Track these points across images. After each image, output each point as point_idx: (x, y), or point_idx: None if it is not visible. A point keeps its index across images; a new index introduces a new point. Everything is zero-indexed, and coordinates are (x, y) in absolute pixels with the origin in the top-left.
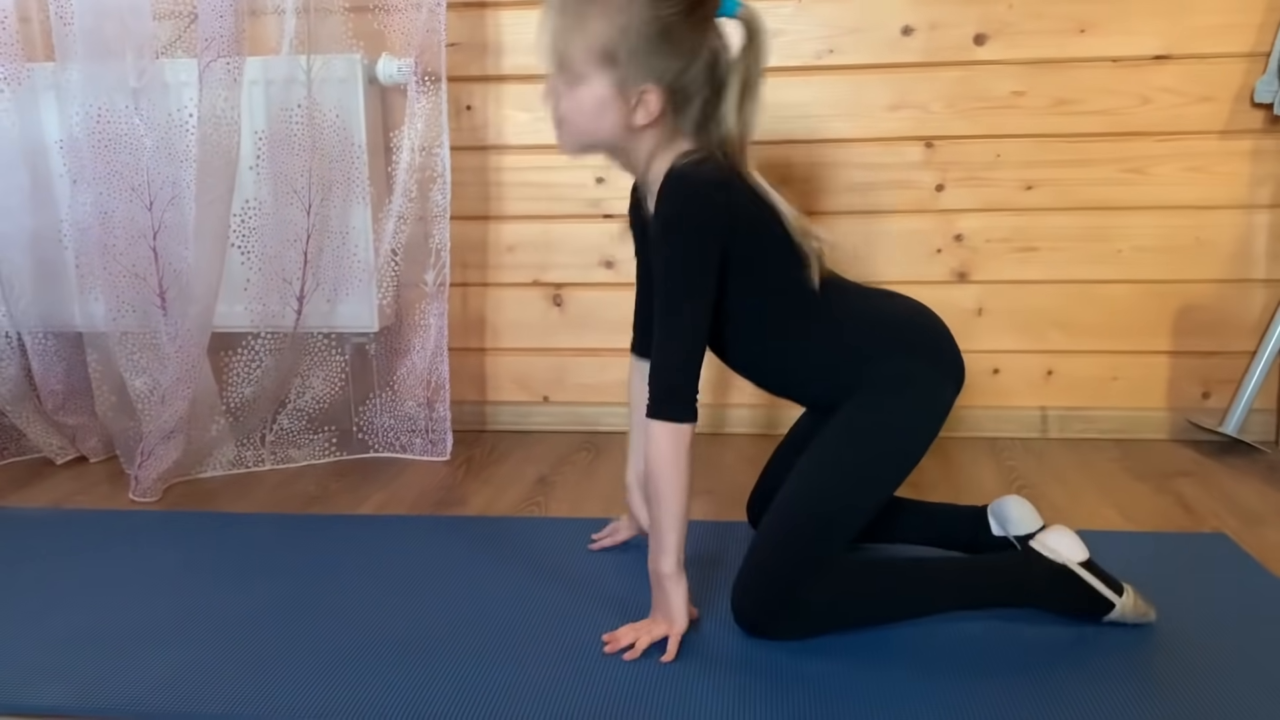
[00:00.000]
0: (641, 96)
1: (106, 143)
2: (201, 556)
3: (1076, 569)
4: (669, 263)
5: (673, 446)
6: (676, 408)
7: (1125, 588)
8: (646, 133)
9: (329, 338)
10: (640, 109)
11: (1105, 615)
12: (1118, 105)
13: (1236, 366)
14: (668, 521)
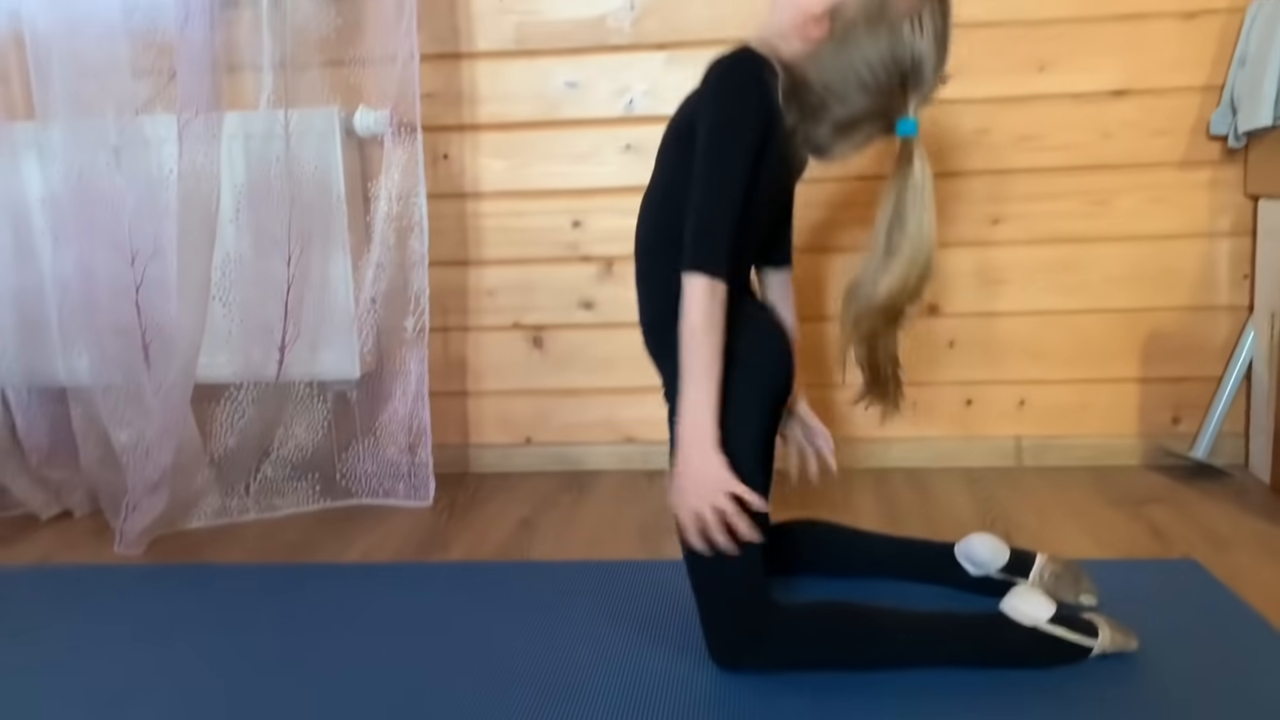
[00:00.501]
0: (824, 19)
1: (88, 200)
2: (188, 611)
3: (1046, 627)
4: (723, 129)
5: (712, 301)
6: (710, 260)
7: (1100, 626)
8: (795, 39)
9: (311, 386)
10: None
11: (1086, 658)
12: (1079, 140)
13: (1204, 392)
14: (708, 384)
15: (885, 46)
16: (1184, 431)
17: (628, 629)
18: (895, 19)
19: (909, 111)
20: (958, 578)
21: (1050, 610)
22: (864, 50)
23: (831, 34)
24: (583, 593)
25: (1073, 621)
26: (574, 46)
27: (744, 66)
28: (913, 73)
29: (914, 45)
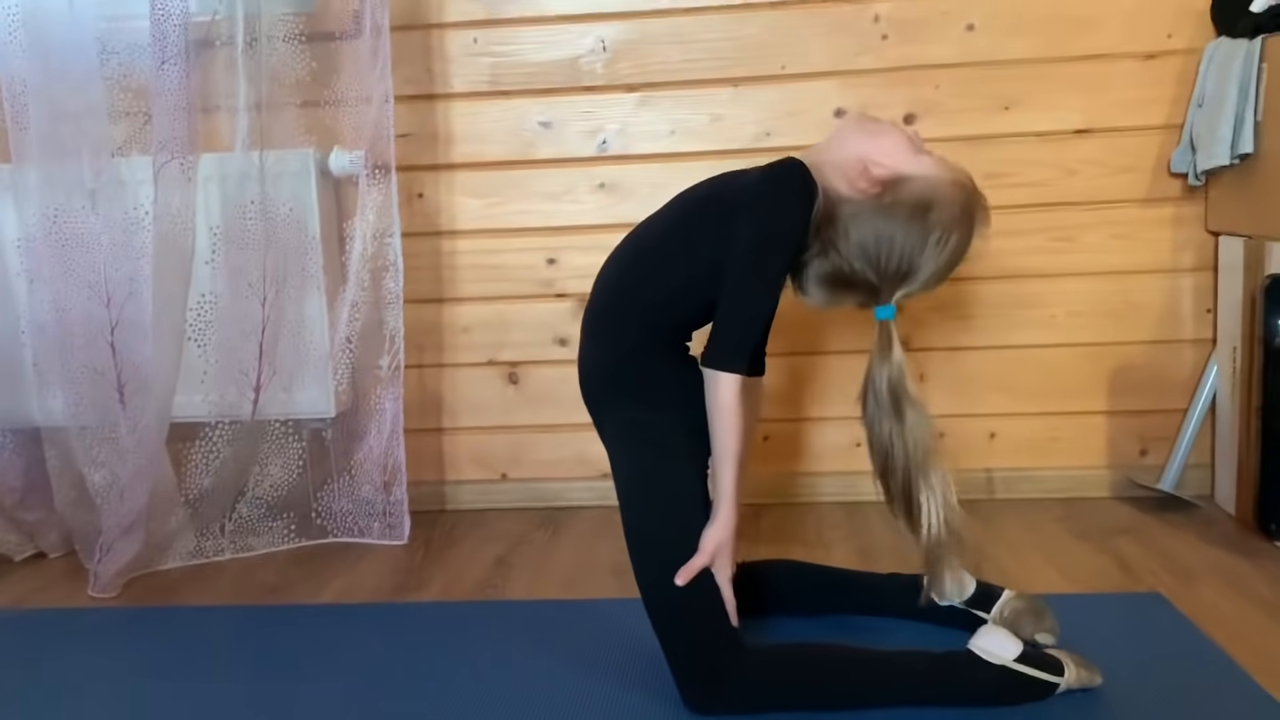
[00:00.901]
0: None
1: (63, 242)
2: (162, 656)
3: (1014, 666)
4: (770, 251)
5: (733, 395)
6: (739, 360)
7: (1065, 664)
8: (845, 180)
9: (286, 425)
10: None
11: (1052, 695)
12: (1044, 177)
13: (1171, 424)
14: (732, 451)
15: (911, 240)
16: (1152, 463)
17: (603, 670)
18: (932, 224)
19: (893, 300)
20: (926, 610)
21: (1017, 649)
22: (894, 230)
23: (879, 198)
24: (558, 632)
25: (1039, 660)
26: (547, 87)
27: (800, 181)
28: (914, 273)
29: (930, 254)
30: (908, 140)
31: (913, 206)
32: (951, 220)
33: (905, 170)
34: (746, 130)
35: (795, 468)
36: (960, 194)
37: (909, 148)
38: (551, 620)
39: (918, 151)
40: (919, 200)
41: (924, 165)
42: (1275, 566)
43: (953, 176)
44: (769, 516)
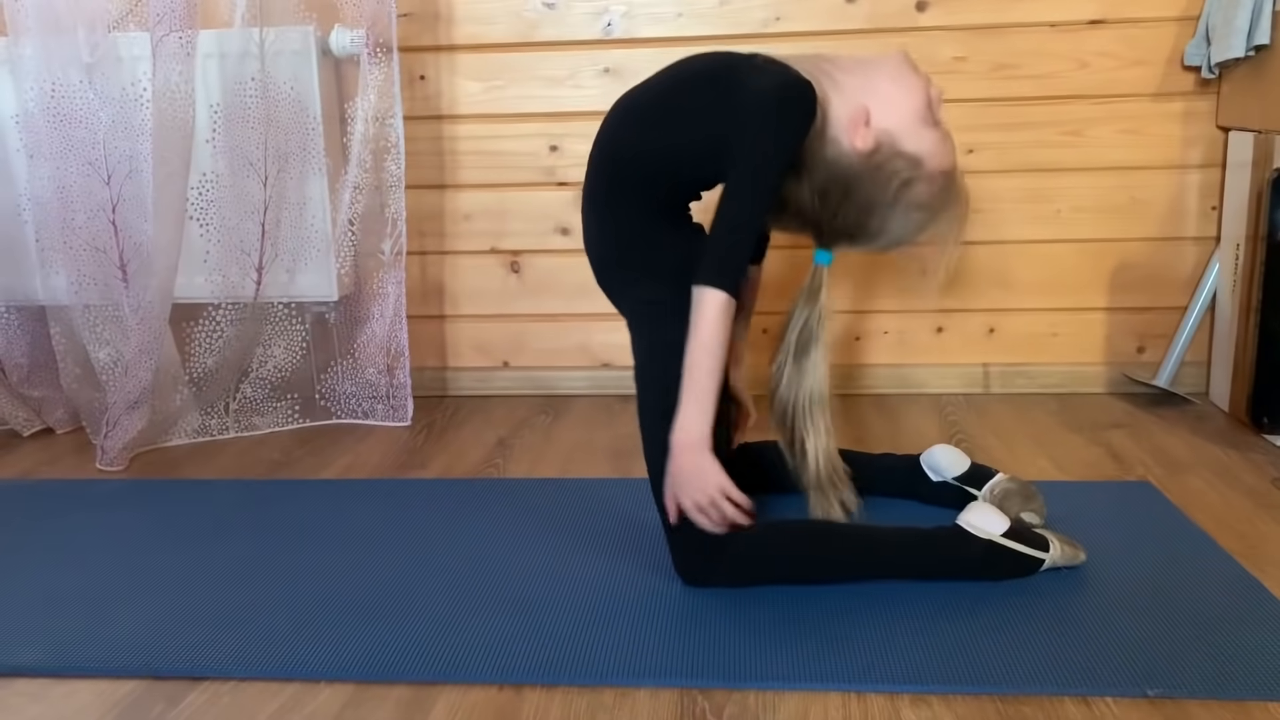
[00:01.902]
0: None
1: (62, 118)
2: (168, 522)
3: (1001, 540)
4: (768, 158)
5: (725, 315)
6: (732, 277)
7: (1050, 540)
8: (843, 121)
9: (289, 307)
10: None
11: (1037, 570)
12: (1055, 69)
13: (1170, 322)
14: (701, 391)
15: (875, 207)
16: (1149, 360)
17: (598, 544)
18: (901, 200)
19: (834, 248)
20: (918, 486)
21: (1004, 525)
22: (863, 190)
23: (862, 152)
24: (555, 509)
25: (1025, 535)
26: None
27: (808, 106)
28: (863, 237)
29: (888, 226)
30: (925, 108)
31: (891, 176)
32: (922, 204)
33: (902, 140)
34: (755, 14)
35: None
36: (943, 183)
37: (921, 117)
38: (550, 497)
39: (927, 124)
40: (901, 174)
41: (924, 141)
42: (1264, 458)
43: (945, 162)
44: (765, 407)
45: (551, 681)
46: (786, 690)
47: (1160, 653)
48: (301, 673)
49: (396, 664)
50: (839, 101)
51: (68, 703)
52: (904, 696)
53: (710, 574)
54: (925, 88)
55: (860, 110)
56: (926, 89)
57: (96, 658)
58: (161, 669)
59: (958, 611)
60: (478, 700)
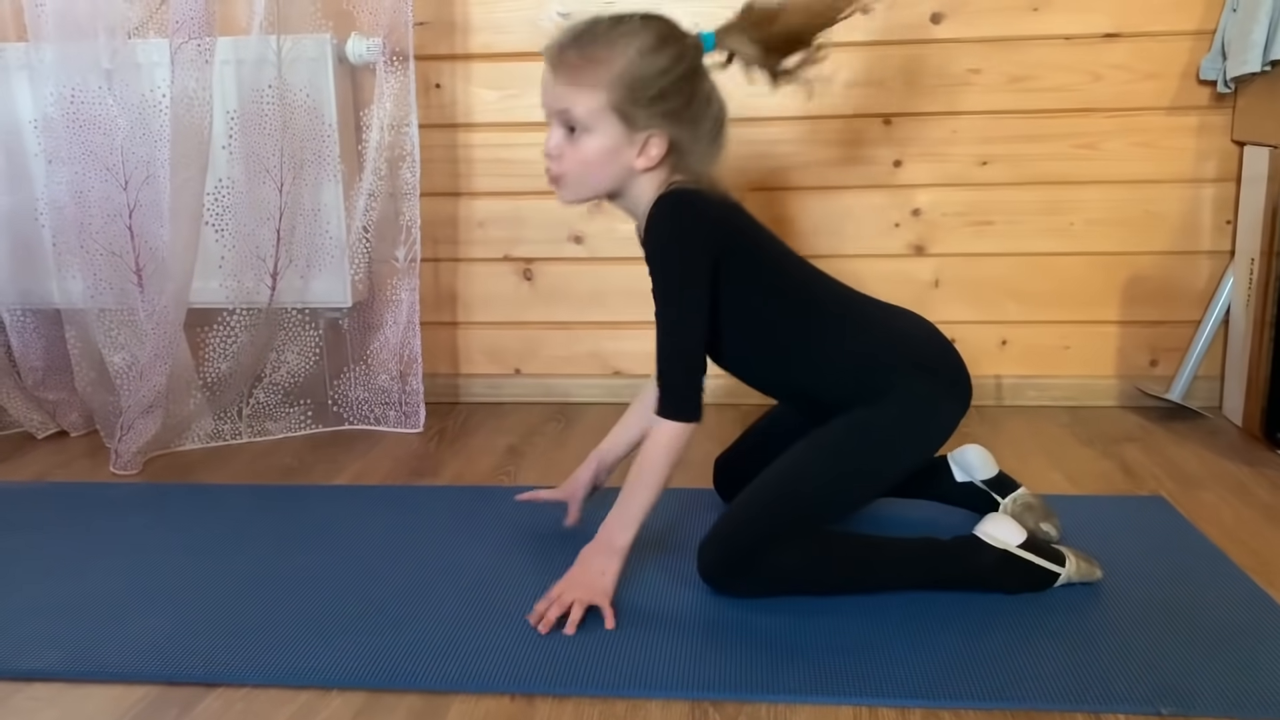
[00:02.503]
0: (647, 141)
1: (81, 123)
2: (182, 526)
3: (1017, 551)
4: (665, 274)
5: (672, 443)
6: (684, 409)
7: (1066, 555)
8: (646, 175)
9: (303, 313)
10: (644, 154)
11: (1052, 585)
12: (1070, 82)
13: (1183, 335)
14: (642, 505)
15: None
16: (1161, 374)
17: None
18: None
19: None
20: (940, 484)
21: (1021, 536)
22: (672, 106)
23: (659, 153)
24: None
25: (1041, 548)
26: None
27: (678, 204)
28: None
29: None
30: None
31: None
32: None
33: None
34: None
35: None
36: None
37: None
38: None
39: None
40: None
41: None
42: (1277, 473)
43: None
44: None
45: (563, 692)
46: (798, 703)
47: (1173, 669)
48: (314, 680)
49: (409, 672)
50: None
51: (82, 707)
52: (915, 711)
53: (735, 583)
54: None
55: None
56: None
57: (111, 662)
58: (175, 674)
59: (970, 626)
60: (490, 709)
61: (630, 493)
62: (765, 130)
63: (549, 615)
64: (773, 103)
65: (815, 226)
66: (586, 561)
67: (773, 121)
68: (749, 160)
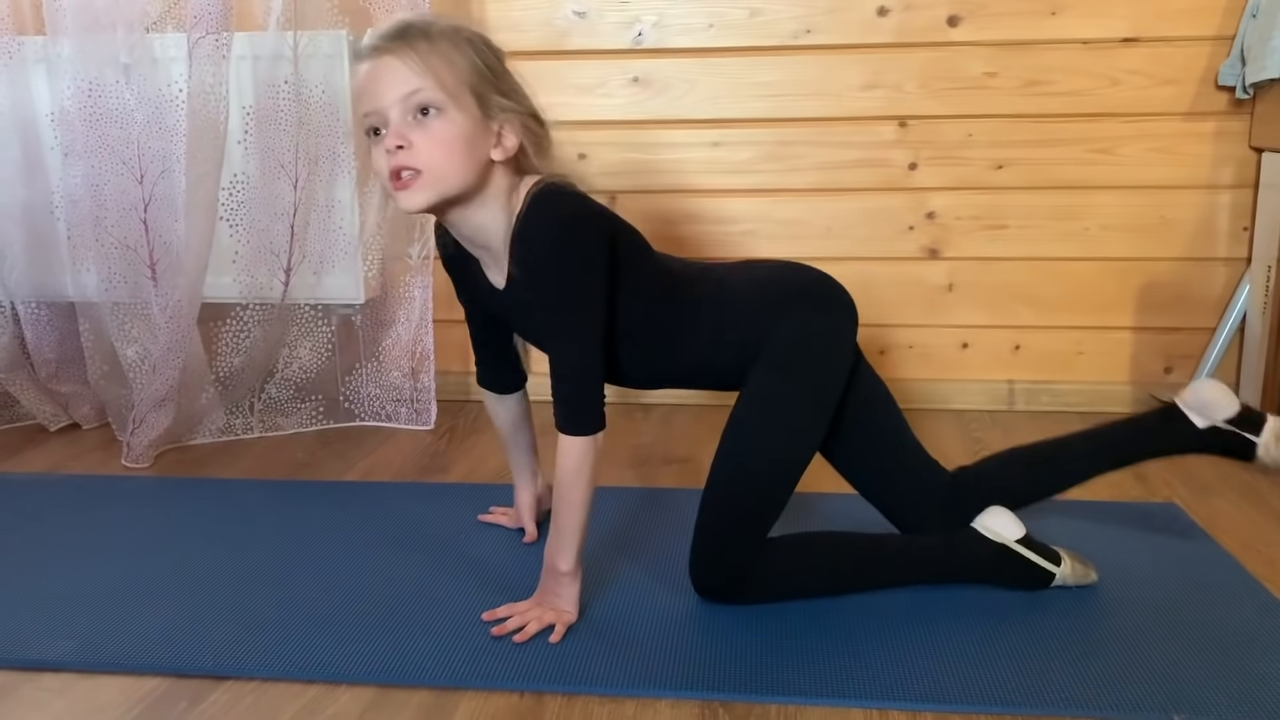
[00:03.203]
0: (502, 131)
1: (97, 116)
2: (192, 519)
3: (1014, 546)
4: (560, 285)
5: (583, 458)
6: (587, 422)
7: (1062, 556)
8: (498, 170)
9: (315, 309)
10: (500, 145)
11: (1047, 585)
12: (1087, 87)
13: (1197, 343)
14: (573, 525)
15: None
16: (1175, 381)
17: (620, 552)
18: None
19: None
20: (1187, 436)
21: (1020, 532)
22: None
23: (514, 142)
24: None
25: (1039, 547)
26: None
27: (568, 211)
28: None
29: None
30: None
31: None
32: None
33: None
34: (786, 26)
35: None
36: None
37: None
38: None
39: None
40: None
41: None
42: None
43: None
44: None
45: (573, 690)
46: (808, 704)
47: (1186, 677)
48: (323, 674)
49: (418, 668)
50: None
51: (93, 698)
52: (925, 715)
53: (729, 592)
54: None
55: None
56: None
57: (121, 654)
58: (185, 667)
59: (980, 632)
60: (499, 706)
61: (559, 515)
62: (775, 131)
63: (508, 624)
64: (785, 104)
65: (828, 229)
66: (545, 582)
67: (786, 123)
68: (759, 161)
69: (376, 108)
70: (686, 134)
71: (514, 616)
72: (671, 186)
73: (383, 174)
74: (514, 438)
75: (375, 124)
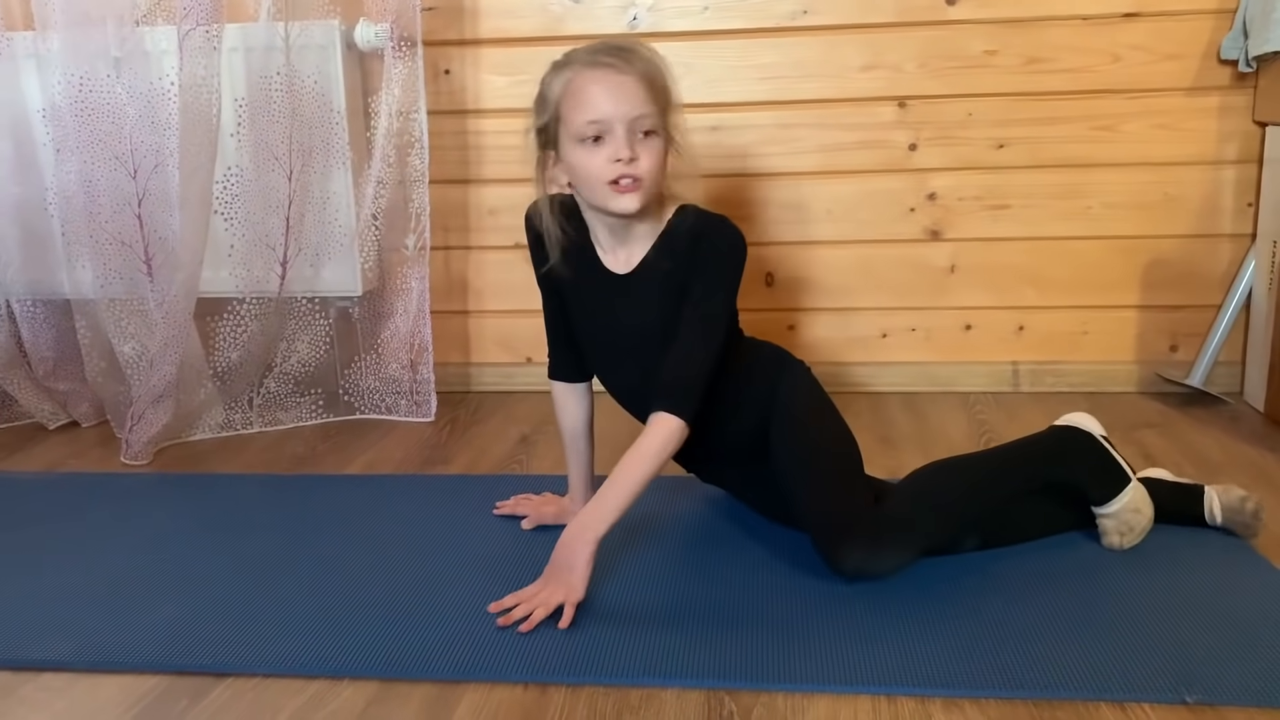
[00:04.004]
0: (669, 150)
1: (89, 111)
2: (192, 516)
3: (1101, 440)
4: (725, 273)
5: (669, 440)
6: (690, 406)
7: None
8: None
9: (313, 302)
10: (668, 162)
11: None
12: (1088, 63)
13: (1203, 320)
14: (623, 500)
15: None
16: (1181, 359)
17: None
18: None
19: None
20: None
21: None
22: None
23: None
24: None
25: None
26: None
27: (731, 225)
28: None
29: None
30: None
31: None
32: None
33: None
34: (782, 8)
35: (821, 357)
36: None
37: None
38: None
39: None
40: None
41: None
42: None
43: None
44: None
45: (577, 681)
46: (815, 692)
47: (1198, 658)
48: (325, 669)
49: (421, 662)
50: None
51: (92, 697)
52: (935, 700)
53: (875, 557)
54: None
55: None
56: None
57: (121, 652)
58: (186, 664)
59: (988, 615)
60: (503, 699)
61: (615, 485)
62: (775, 114)
63: (515, 613)
64: (784, 86)
65: (829, 211)
66: (560, 554)
67: (783, 106)
68: (758, 144)
69: (605, 118)
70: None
71: (520, 605)
72: None
73: (601, 176)
74: (576, 443)
75: (600, 132)
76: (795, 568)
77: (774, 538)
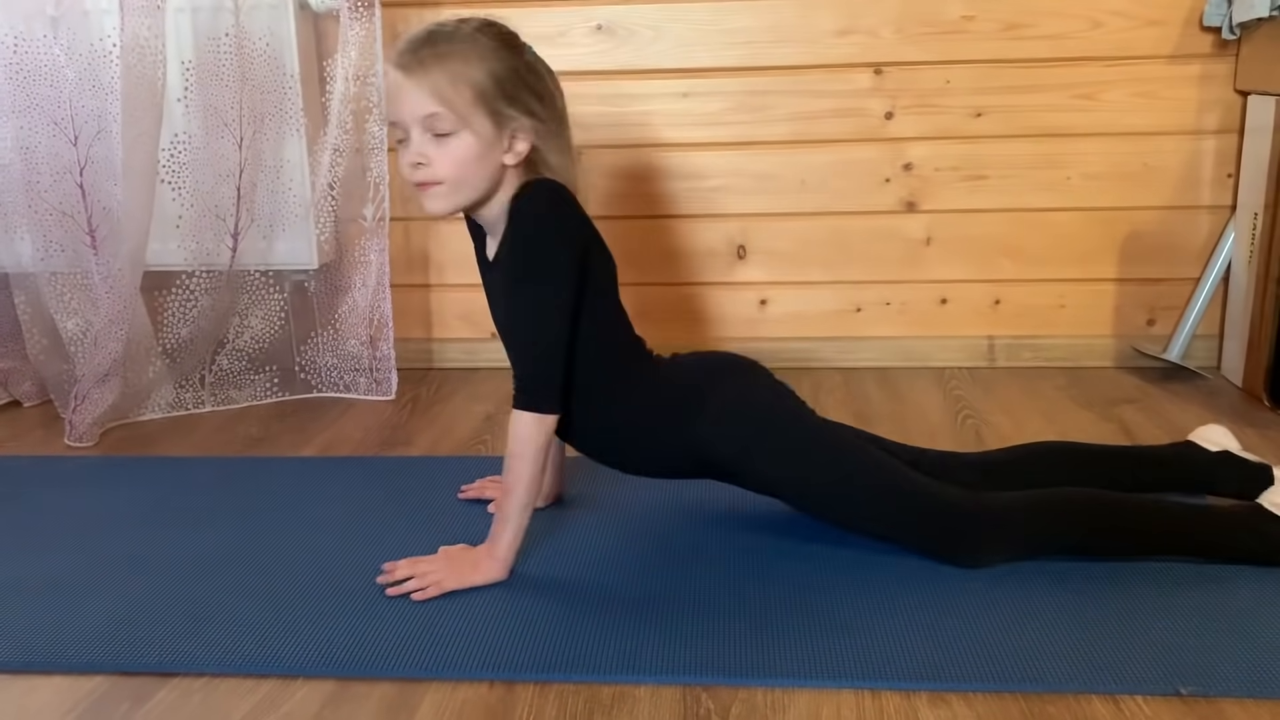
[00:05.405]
0: (513, 137)
1: (25, 73)
2: (140, 502)
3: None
4: (532, 250)
5: (529, 437)
6: (546, 400)
7: None
8: (511, 174)
9: (267, 275)
10: (512, 150)
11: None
12: (1068, 29)
13: (1181, 293)
14: (515, 505)
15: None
16: (1158, 333)
17: (592, 527)
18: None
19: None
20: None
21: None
22: (533, 102)
23: (525, 148)
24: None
25: None
26: None
27: (552, 197)
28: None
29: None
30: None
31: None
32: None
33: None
34: None
35: (794, 332)
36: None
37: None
38: None
39: None
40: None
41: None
42: (1279, 435)
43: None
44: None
45: (545, 678)
46: (796, 688)
47: (1191, 648)
48: (278, 668)
49: (379, 659)
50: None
51: (27, 700)
52: (921, 695)
53: (978, 556)
54: None
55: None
56: None
57: (59, 652)
58: (128, 664)
59: (974, 607)
60: (467, 698)
61: (503, 494)
62: (747, 80)
63: (407, 585)
64: (756, 52)
65: (802, 182)
66: (471, 552)
67: (756, 72)
68: (729, 112)
69: (399, 121)
70: (653, 84)
71: (414, 578)
72: (638, 140)
73: (408, 179)
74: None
75: (399, 135)
76: (773, 556)
77: (749, 525)
